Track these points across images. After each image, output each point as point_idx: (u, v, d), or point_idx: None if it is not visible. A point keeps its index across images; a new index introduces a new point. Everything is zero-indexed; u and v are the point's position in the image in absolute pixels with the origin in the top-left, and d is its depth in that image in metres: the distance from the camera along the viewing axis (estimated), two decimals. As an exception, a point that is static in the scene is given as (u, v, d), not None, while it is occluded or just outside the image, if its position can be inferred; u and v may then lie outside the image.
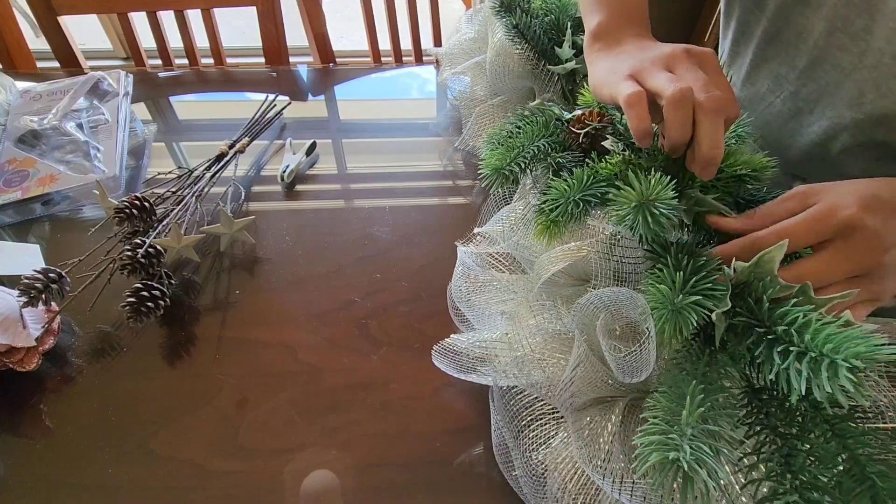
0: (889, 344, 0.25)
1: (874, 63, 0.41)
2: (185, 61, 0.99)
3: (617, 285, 0.37)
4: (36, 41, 1.00)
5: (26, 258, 0.53)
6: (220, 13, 0.97)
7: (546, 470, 0.37)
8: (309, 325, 0.51)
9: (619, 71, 0.38)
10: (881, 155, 0.45)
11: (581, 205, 0.36)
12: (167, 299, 0.49)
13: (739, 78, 0.56)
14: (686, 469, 0.24)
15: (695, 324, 0.29)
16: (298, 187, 0.66)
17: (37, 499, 0.39)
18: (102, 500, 0.39)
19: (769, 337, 0.28)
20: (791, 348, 0.27)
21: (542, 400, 0.39)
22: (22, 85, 0.74)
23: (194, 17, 0.96)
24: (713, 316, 0.30)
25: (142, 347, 0.48)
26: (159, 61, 0.99)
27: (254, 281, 0.55)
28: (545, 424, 0.39)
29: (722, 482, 0.27)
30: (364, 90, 0.88)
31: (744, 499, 0.30)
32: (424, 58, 1.09)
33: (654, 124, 0.36)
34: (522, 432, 0.38)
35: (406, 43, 1.08)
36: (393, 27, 1.06)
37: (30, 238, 0.59)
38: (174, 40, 0.98)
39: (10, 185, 0.60)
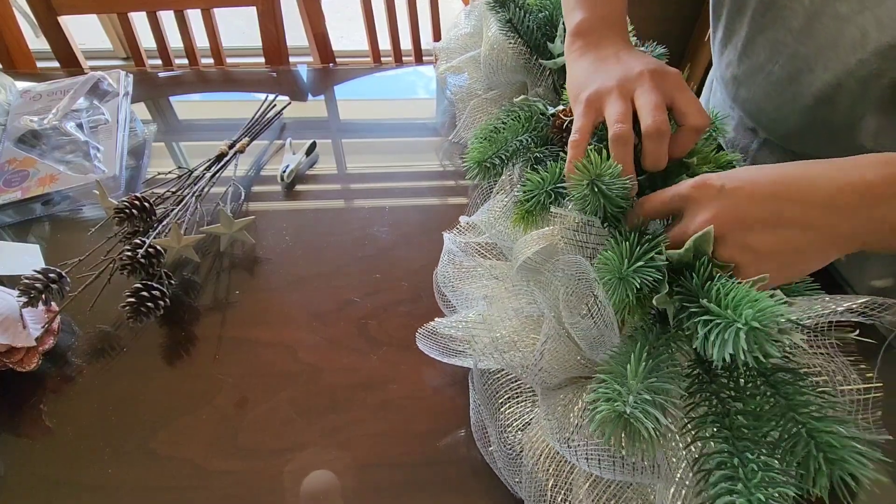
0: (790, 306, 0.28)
1: (878, 2, 0.42)
2: (185, 61, 0.99)
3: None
4: (36, 41, 1.01)
5: (26, 258, 0.53)
6: (220, 13, 0.97)
7: (521, 446, 0.38)
8: (309, 325, 0.51)
9: (588, 87, 0.41)
10: (886, 95, 0.45)
11: (553, 196, 0.40)
12: (167, 299, 0.49)
13: (736, 55, 0.57)
14: (629, 419, 0.27)
15: (638, 285, 0.31)
16: (298, 187, 0.66)
17: (37, 499, 0.39)
18: (102, 500, 0.39)
19: (694, 309, 0.31)
20: (707, 317, 0.29)
21: (518, 380, 0.41)
22: (22, 85, 0.74)
23: (194, 17, 0.96)
24: (655, 300, 0.32)
25: (142, 347, 0.48)
26: (159, 61, 0.99)
27: (254, 281, 0.55)
28: (521, 402, 0.41)
29: (667, 434, 0.30)
30: (364, 90, 0.88)
31: (694, 450, 0.32)
32: (424, 57, 1.09)
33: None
34: (500, 410, 0.41)
35: (406, 43, 1.08)
36: (393, 27, 1.06)
37: (30, 238, 0.59)
38: (174, 40, 0.98)
39: (10, 185, 0.60)
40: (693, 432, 0.30)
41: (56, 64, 0.94)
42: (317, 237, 0.60)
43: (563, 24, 0.60)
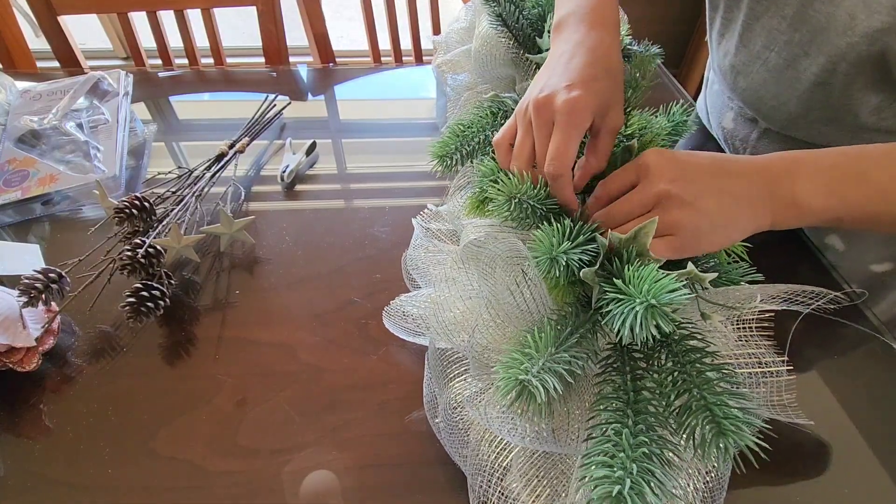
0: (685, 289, 0.30)
1: None
2: (185, 61, 0.99)
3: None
4: (36, 41, 1.01)
5: (26, 258, 0.53)
6: (220, 13, 0.97)
7: (469, 422, 0.40)
8: (309, 325, 0.51)
9: (525, 97, 0.42)
10: (878, 76, 0.46)
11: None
12: (167, 299, 0.49)
13: (733, 44, 0.58)
14: (526, 385, 0.30)
15: (563, 264, 0.33)
16: (298, 187, 0.66)
17: (37, 498, 0.39)
18: (102, 500, 0.39)
19: (608, 289, 0.33)
20: (619, 295, 0.31)
21: (466, 359, 0.43)
22: (22, 85, 0.74)
23: (194, 17, 0.96)
24: (582, 273, 0.34)
25: (142, 347, 0.48)
26: (159, 61, 0.99)
27: (254, 281, 0.55)
28: (470, 380, 0.42)
29: (565, 401, 0.34)
30: (364, 90, 0.88)
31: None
32: (424, 57, 1.09)
33: None
34: (449, 384, 0.42)
35: (406, 43, 1.08)
36: (393, 27, 1.07)
37: (30, 238, 0.59)
38: (174, 40, 0.98)
39: (10, 185, 0.60)
40: (599, 407, 0.32)
41: (56, 64, 0.94)
42: (317, 237, 0.60)
43: (551, 19, 0.61)
